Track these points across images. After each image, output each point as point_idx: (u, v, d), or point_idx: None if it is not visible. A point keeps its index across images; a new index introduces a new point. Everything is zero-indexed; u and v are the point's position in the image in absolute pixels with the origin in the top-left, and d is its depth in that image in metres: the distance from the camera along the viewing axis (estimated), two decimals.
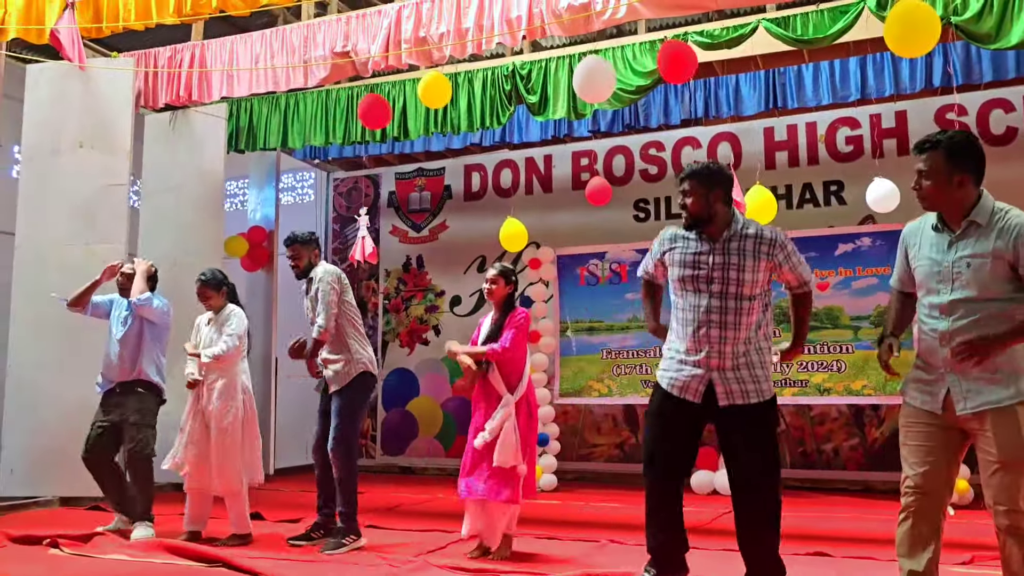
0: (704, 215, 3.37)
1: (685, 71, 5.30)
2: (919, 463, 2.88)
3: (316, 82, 6.69)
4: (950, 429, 2.85)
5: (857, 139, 8.14)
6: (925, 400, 2.91)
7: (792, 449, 7.99)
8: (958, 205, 2.87)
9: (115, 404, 5.38)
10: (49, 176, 7.04)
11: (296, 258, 5.09)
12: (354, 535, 4.79)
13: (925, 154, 2.91)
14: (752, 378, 3.26)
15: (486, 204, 9.56)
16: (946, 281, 2.86)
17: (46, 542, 4.89)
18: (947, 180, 2.85)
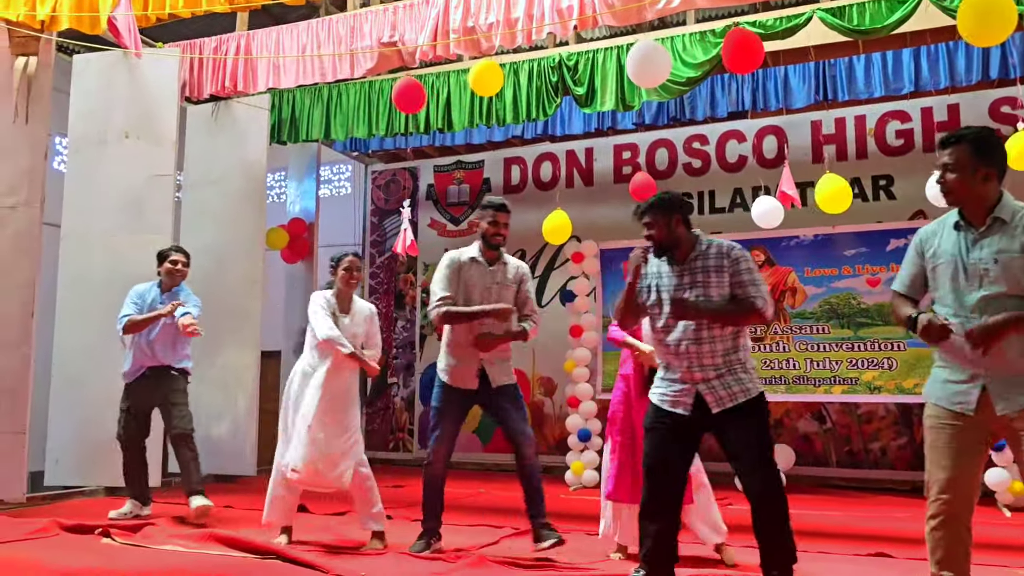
0: (669, 242, 3.56)
1: (752, 60, 5.18)
2: (950, 467, 2.82)
3: (363, 72, 6.64)
4: (979, 430, 2.81)
5: (908, 133, 7.99)
6: (955, 402, 2.83)
7: (838, 448, 7.86)
8: (982, 201, 2.82)
9: (149, 388, 5.50)
10: (95, 166, 7.05)
11: (506, 227, 4.53)
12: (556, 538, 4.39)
13: (950, 148, 2.88)
14: (737, 381, 3.42)
15: (526, 197, 9.49)
16: (974, 278, 2.80)
17: (98, 531, 4.88)
18: (972, 174, 2.81)
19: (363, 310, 4.96)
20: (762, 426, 3.46)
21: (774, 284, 7.48)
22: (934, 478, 2.86)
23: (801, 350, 7.29)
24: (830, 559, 4.50)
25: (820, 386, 7.20)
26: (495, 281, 4.47)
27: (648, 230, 3.58)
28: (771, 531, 3.40)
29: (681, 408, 3.47)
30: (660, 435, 3.53)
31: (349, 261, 4.85)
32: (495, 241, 4.50)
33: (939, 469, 2.85)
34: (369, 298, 10.24)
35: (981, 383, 2.78)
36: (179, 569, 4.07)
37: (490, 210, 4.55)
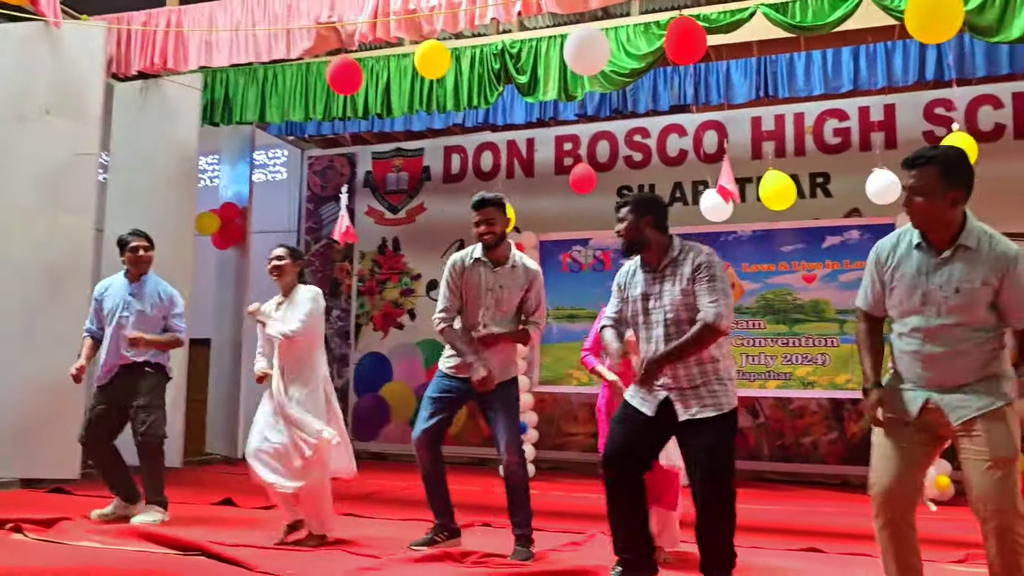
0: (633, 240, 3.55)
1: (694, 51, 5.15)
2: (890, 469, 2.84)
3: (299, 53, 6.44)
4: (924, 433, 2.83)
5: (845, 131, 8.10)
6: (900, 410, 2.86)
7: (771, 442, 7.95)
8: (949, 226, 2.75)
9: (119, 387, 5.09)
10: (12, 143, 6.71)
11: (491, 223, 4.25)
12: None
13: (916, 169, 2.77)
14: (710, 394, 3.38)
15: (466, 187, 9.36)
16: (931, 304, 2.77)
17: (9, 526, 4.62)
18: (940, 198, 2.72)
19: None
20: (723, 442, 3.41)
21: None
22: (876, 475, 2.88)
23: (737, 345, 7.33)
24: (763, 553, 4.51)
25: (755, 381, 7.26)
26: (498, 283, 4.25)
27: (618, 224, 3.58)
28: (713, 539, 3.41)
29: (647, 411, 3.46)
30: (625, 428, 3.53)
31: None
32: (485, 240, 4.27)
33: (880, 468, 2.87)
34: None
35: (927, 393, 2.80)
36: (95, 567, 3.87)
37: (473, 210, 4.34)
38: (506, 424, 4.22)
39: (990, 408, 2.71)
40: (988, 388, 2.75)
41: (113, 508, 5.13)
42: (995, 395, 2.74)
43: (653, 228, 3.52)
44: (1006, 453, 2.69)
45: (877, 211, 7.00)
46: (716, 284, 3.38)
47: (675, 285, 3.45)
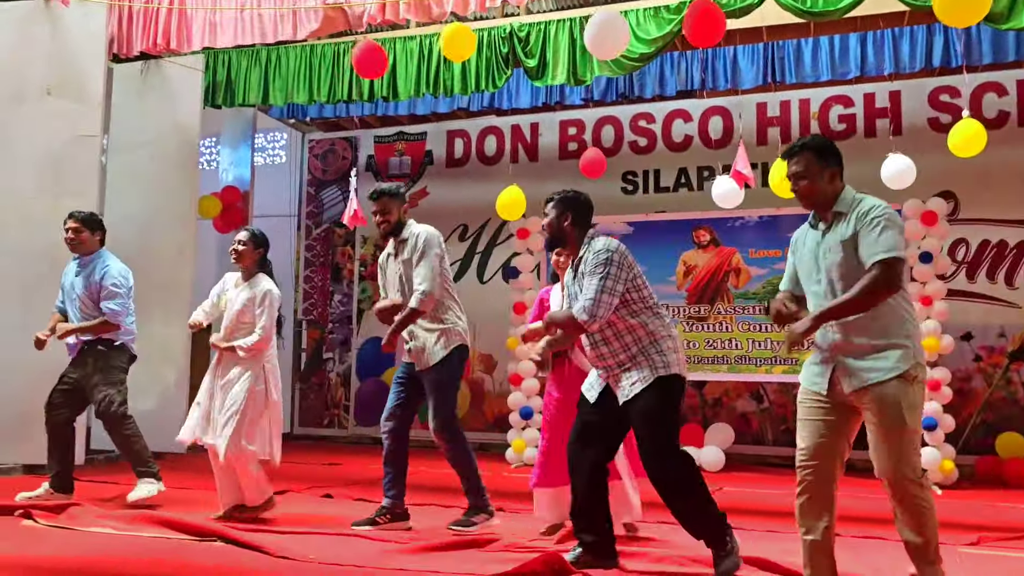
0: (554, 235, 3.75)
1: (713, 33, 5.11)
2: (810, 439, 3.05)
3: (306, 34, 6.35)
4: (839, 406, 3.01)
5: (850, 118, 8.09)
6: (815, 382, 3.05)
7: (775, 427, 7.97)
8: (829, 199, 3.06)
9: (79, 364, 5.20)
10: (11, 125, 6.61)
11: (385, 212, 4.50)
12: (485, 514, 4.42)
13: (795, 157, 3.12)
14: (638, 370, 3.50)
15: (469, 171, 9.32)
16: (822, 270, 3.03)
17: (18, 513, 4.58)
18: (819, 176, 3.06)
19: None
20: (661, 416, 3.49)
21: (718, 264, 7.50)
22: (799, 449, 3.10)
23: (744, 330, 7.33)
24: (775, 537, 4.50)
25: (761, 366, 7.26)
26: (400, 264, 4.51)
27: (545, 218, 3.78)
28: (684, 516, 3.51)
29: (591, 395, 3.68)
30: (582, 412, 3.72)
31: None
32: (381, 229, 4.60)
33: (802, 440, 3.09)
34: (304, 271, 9.95)
35: (832, 365, 2.99)
36: (110, 553, 3.84)
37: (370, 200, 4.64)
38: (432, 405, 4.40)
39: (880, 379, 2.89)
40: (885, 356, 2.92)
41: (41, 490, 5.09)
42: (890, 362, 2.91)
43: (573, 226, 3.70)
44: (893, 425, 2.89)
45: (883, 197, 6.97)
46: (596, 280, 3.49)
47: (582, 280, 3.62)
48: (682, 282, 7.57)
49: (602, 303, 3.46)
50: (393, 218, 4.52)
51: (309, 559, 3.71)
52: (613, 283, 3.48)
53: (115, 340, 5.22)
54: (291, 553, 3.78)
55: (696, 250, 7.56)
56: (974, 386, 7.49)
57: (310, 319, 9.89)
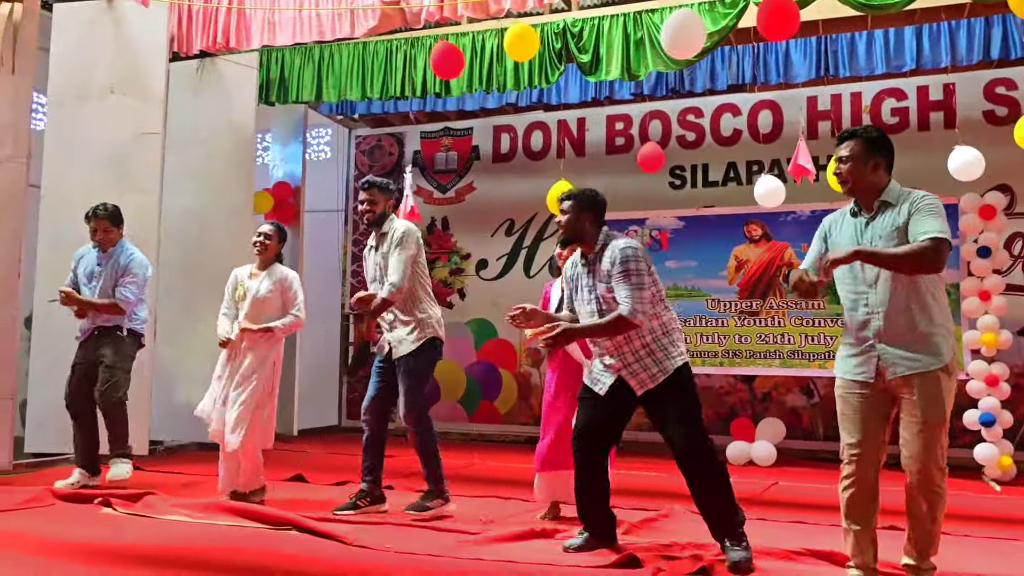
0: (572, 233, 3.85)
1: (788, 26, 5.11)
2: (856, 431, 3.13)
3: (364, 32, 6.44)
4: (881, 395, 3.10)
5: (903, 111, 8.01)
6: (859, 372, 3.13)
7: (826, 421, 7.94)
8: (873, 188, 3.16)
9: (92, 347, 5.36)
10: (78, 123, 6.77)
11: (372, 203, 4.76)
12: (441, 499, 4.68)
13: (845, 143, 3.23)
14: (655, 362, 3.66)
15: (515, 166, 9.36)
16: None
17: (97, 501, 4.72)
18: (864, 164, 3.16)
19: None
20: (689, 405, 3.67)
21: (770, 259, 7.49)
22: (844, 443, 3.18)
23: (796, 325, 7.31)
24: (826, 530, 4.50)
25: (814, 360, 7.24)
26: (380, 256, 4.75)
27: (561, 215, 3.88)
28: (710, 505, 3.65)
29: (599, 388, 3.81)
30: (587, 405, 3.87)
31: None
32: (365, 218, 4.84)
33: (848, 435, 3.16)
34: (352, 265, 10.06)
35: (876, 354, 3.08)
36: (189, 542, 3.94)
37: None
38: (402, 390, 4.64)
39: (926, 369, 3.00)
40: (931, 347, 3.02)
41: (77, 477, 5.28)
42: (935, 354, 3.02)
43: (591, 224, 3.83)
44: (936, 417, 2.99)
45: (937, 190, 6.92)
46: (632, 280, 3.63)
47: (598, 278, 3.75)
48: (733, 276, 7.57)
49: (645, 299, 3.64)
50: (378, 209, 4.78)
51: (385, 548, 3.79)
52: (647, 278, 3.68)
53: (134, 328, 5.42)
54: (366, 542, 3.87)
55: (748, 244, 7.56)
56: None
57: (357, 313, 9.98)
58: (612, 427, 3.87)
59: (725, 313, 7.54)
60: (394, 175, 9.30)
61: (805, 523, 4.62)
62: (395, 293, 4.52)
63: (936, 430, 3.00)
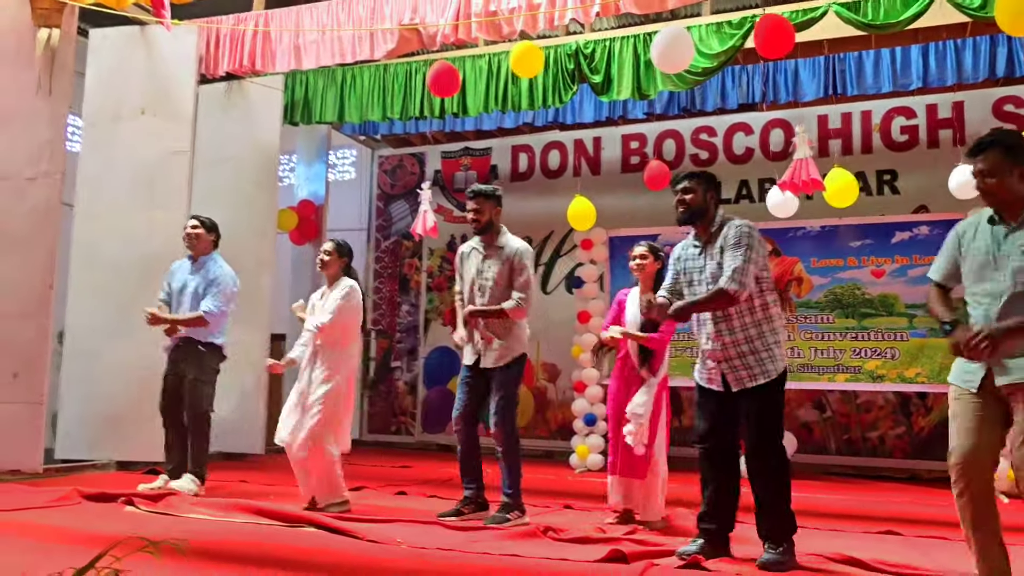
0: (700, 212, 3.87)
1: (783, 44, 5.28)
2: (966, 438, 3.02)
3: (383, 54, 6.69)
4: (993, 405, 2.99)
5: (912, 129, 8.13)
6: (967, 380, 3.05)
7: (837, 436, 8.01)
8: (1018, 198, 2.98)
9: (179, 360, 5.54)
10: (111, 143, 7.06)
11: (479, 212, 4.78)
12: (518, 511, 4.72)
13: (983, 153, 3.03)
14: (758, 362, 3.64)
15: (533, 185, 9.58)
16: (1001, 269, 2.97)
17: (121, 500, 4.92)
18: (1009, 174, 2.97)
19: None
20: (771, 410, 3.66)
21: (780, 274, 7.60)
22: (954, 444, 3.07)
23: (806, 339, 7.42)
24: (842, 535, 4.62)
25: (824, 374, 7.34)
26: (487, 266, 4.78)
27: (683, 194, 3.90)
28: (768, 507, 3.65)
29: (714, 385, 3.76)
30: (705, 406, 3.82)
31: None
32: (474, 227, 4.85)
33: (957, 437, 3.05)
34: (374, 282, 10.30)
35: (987, 363, 2.97)
36: (210, 537, 4.11)
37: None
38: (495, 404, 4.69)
39: None
40: None
41: (162, 482, 5.45)
42: None
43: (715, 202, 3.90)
44: None
45: (947, 207, 7.04)
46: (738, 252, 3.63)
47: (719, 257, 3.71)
48: None
49: (748, 272, 3.59)
50: (484, 219, 4.80)
51: (397, 542, 3.95)
52: (756, 256, 3.64)
53: (214, 341, 5.57)
54: (380, 538, 4.02)
55: None
56: None
57: (379, 329, 10.22)
58: (738, 423, 3.76)
59: None
60: (414, 194, 9.54)
61: (819, 530, 4.72)
62: (520, 310, 4.66)
63: None
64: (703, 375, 3.83)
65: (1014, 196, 3.00)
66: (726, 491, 3.76)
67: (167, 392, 5.56)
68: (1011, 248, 2.97)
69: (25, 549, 3.63)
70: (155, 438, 6.52)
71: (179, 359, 5.53)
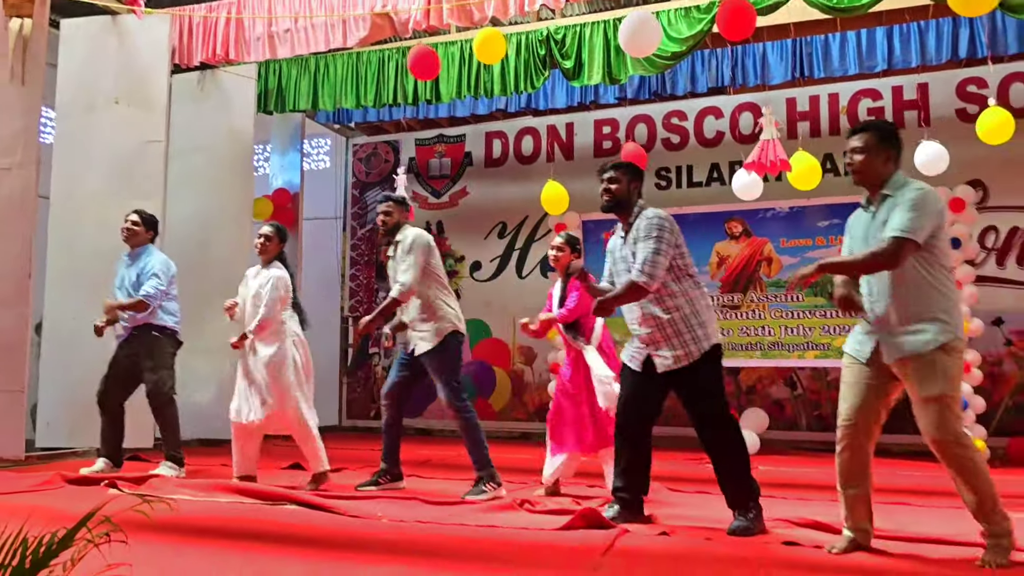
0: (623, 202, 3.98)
1: (745, 26, 5.40)
2: (852, 400, 3.31)
3: (355, 41, 6.74)
4: (880, 373, 3.26)
5: (878, 111, 8.29)
6: (858, 350, 3.32)
7: (808, 412, 8.19)
8: (879, 179, 3.27)
9: (131, 349, 5.64)
10: (85, 133, 7.07)
11: (388, 215, 5.12)
12: (493, 483, 4.84)
13: (859, 134, 3.33)
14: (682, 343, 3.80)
15: (507, 171, 9.66)
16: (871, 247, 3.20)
17: (104, 483, 4.99)
18: (876, 155, 3.26)
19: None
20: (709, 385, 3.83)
21: (750, 255, 7.75)
22: (841, 408, 3.37)
23: (776, 318, 7.58)
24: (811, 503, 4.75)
25: (794, 352, 7.50)
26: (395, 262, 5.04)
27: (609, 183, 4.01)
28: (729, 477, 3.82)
29: (634, 364, 3.97)
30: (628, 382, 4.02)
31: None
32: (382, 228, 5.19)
33: (844, 400, 3.35)
34: (351, 269, 10.36)
35: (876, 337, 3.25)
36: (194, 516, 4.19)
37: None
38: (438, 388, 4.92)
39: (920, 351, 3.11)
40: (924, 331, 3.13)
41: (101, 466, 5.56)
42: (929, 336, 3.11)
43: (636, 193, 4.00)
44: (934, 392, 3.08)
45: None
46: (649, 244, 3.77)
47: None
48: (716, 272, 7.83)
49: (657, 263, 3.73)
50: (392, 221, 5.13)
51: (378, 517, 4.05)
52: (666, 246, 3.77)
53: (165, 326, 5.69)
54: (361, 513, 4.12)
55: (729, 241, 7.83)
56: (1005, 370, 7.65)
57: (356, 316, 10.28)
58: (653, 401, 3.95)
59: None
60: (390, 182, 9.60)
61: (787, 499, 4.87)
62: (404, 293, 4.84)
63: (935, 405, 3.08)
64: (628, 352, 4.02)
65: (877, 177, 3.27)
66: (638, 465, 3.98)
67: (109, 380, 5.64)
68: (875, 227, 3.23)
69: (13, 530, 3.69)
70: (135, 425, 6.59)
71: (134, 348, 5.63)
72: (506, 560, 3.23)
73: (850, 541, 3.35)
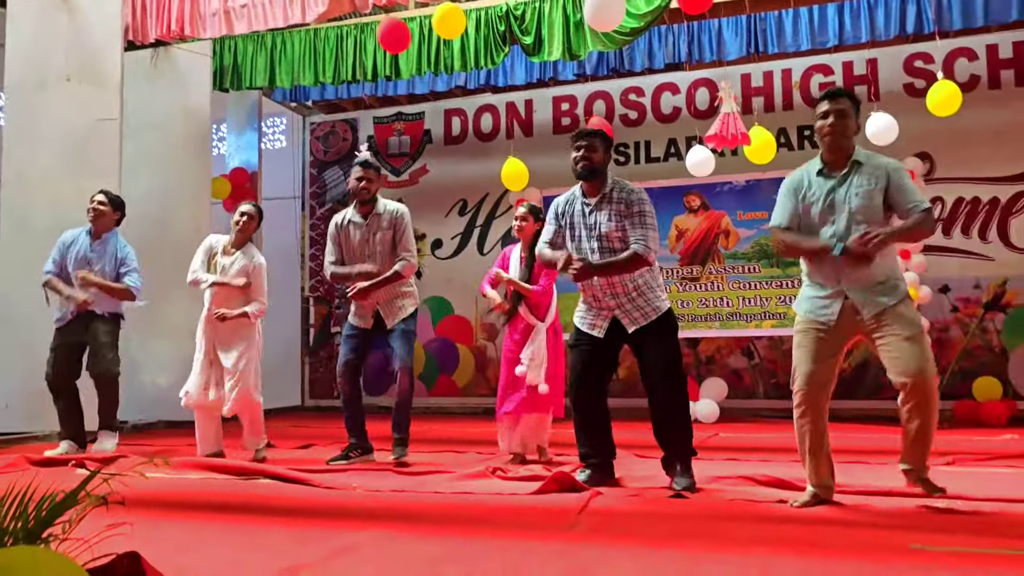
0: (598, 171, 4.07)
1: (704, 1, 5.49)
2: (811, 365, 3.43)
3: (314, 17, 6.69)
4: (838, 336, 3.41)
5: (830, 86, 8.45)
6: (822, 313, 3.42)
7: (765, 380, 8.40)
8: (849, 146, 3.41)
9: (79, 331, 5.61)
10: (36, 111, 6.93)
11: (369, 181, 5.09)
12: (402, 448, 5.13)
13: (839, 98, 3.45)
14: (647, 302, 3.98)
15: (467, 148, 9.68)
16: (841, 212, 3.37)
17: (72, 464, 4.95)
18: (851, 120, 3.41)
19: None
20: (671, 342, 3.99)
21: (708, 227, 7.91)
22: (799, 372, 3.48)
23: (734, 288, 7.75)
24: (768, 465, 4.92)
25: (752, 321, 7.69)
26: (371, 232, 5.03)
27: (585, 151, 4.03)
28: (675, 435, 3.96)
29: (596, 331, 4.04)
30: (585, 351, 4.08)
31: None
32: (361, 196, 5.07)
33: (803, 364, 3.46)
34: (310, 249, 10.30)
35: (842, 298, 3.37)
36: (165, 490, 4.20)
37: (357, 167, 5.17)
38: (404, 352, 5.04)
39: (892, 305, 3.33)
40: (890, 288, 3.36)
41: (66, 448, 5.55)
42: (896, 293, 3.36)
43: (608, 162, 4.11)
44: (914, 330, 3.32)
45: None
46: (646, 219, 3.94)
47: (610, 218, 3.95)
48: (675, 245, 7.98)
49: (656, 238, 3.98)
50: (373, 188, 5.13)
51: (353, 487, 4.10)
52: (655, 221, 4.03)
53: (116, 311, 5.73)
54: (336, 484, 4.17)
55: (687, 215, 7.98)
56: (952, 335, 7.94)
57: (317, 295, 10.26)
58: (610, 366, 4.16)
59: (668, 280, 7.95)
60: (348, 160, 9.56)
61: (749, 460, 5.03)
62: (409, 268, 5.02)
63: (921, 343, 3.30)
64: (586, 321, 4.09)
65: (848, 143, 3.41)
66: (603, 431, 4.13)
67: (59, 363, 5.61)
68: (846, 195, 3.36)
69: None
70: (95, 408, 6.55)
71: (80, 330, 5.60)
72: (485, 521, 3.31)
73: (812, 495, 3.50)
